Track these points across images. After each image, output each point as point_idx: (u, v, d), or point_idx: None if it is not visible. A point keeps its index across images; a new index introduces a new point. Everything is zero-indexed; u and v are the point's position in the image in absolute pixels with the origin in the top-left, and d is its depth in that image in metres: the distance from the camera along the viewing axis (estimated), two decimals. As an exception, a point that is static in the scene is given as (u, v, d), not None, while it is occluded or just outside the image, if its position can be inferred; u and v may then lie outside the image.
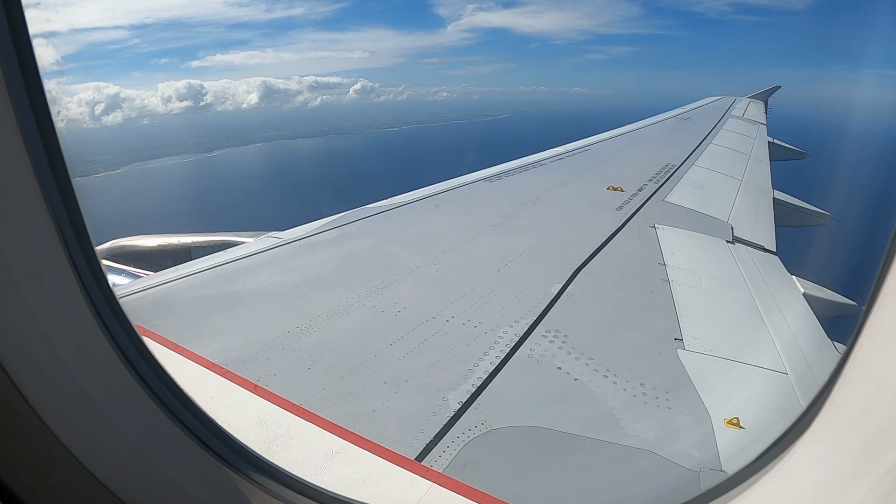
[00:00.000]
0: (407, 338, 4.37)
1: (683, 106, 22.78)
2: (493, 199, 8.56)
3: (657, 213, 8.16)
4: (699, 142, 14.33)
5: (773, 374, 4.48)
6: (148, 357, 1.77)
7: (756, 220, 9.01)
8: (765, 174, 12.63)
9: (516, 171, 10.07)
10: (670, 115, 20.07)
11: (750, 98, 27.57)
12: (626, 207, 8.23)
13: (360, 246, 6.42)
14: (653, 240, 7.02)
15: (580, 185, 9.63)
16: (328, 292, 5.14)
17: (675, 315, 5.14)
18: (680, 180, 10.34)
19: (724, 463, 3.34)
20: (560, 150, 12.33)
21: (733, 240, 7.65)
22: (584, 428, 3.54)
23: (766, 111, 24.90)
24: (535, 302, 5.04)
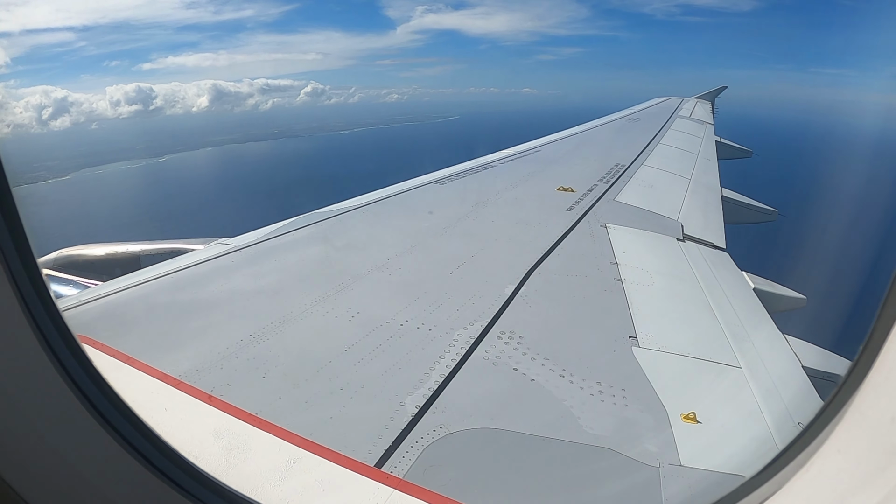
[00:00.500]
0: (361, 343, 4.31)
1: (632, 106, 23.17)
2: (444, 201, 8.55)
3: (608, 213, 8.23)
4: (648, 142, 14.57)
5: (726, 369, 4.56)
6: (93, 374, 1.71)
7: (705, 217, 9.19)
8: (713, 173, 12.90)
9: (467, 173, 10.08)
10: (619, 115, 20.37)
11: (697, 98, 28.15)
12: (577, 208, 8.29)
13: (312, 251, 6.37)
14: (604, 239, 7.08)
15: (531, 186, 9.69)
16: (280, 298, 5.06)
17: (628, 313, 5.19)
18: (630, 180, 10.47)
19: (682, 458, 3.38)
20: (510, 151, 12.39)
21: (684, 238, 7.78)
22: (543, 428, 3.55)
23: (713, 111, 25.45)
24: (488, 304, 5.04)
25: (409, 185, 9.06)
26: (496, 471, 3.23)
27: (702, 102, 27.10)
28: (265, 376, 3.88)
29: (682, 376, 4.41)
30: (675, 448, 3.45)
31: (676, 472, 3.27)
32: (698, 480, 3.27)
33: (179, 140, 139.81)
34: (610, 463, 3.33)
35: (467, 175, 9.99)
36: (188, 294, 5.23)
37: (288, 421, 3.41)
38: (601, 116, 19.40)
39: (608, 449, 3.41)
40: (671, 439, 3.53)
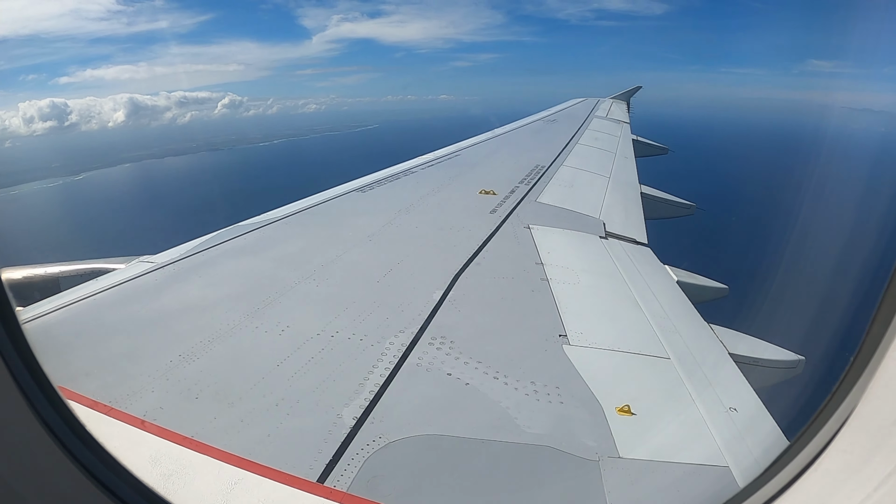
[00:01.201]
0: (294, 357, 4.22)
1: (549, 108, 23.55)
2: (367, 209, 8.46)
3: (531, 214, 8.32)
4: (566, 142, 14.84)
5: (656, 360, 4.68)
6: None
7: (626, 214, 9.42)
8: (631, 170, 13.25)
9: (389, 180, 10.02)
10: (537, 117, 20.68)
11: (613, 98, 28.92)
12: (499, 210, 8.34)
13: (236, 265, 6.19)
14: (528, 240, 7.14)
15: (453, 191, 9.70)
16: (208, 316, 4.89)
17: (556, 312, 5.24)
18: (550, 180, 10.62)
19: (620, 449, 3.46)
20: (431, 156, 12.38)
21: (606, 235, 7.93)
22: (482, 430, 3.57)
23: (628, 110, 26.16)
24: (418, 310, 5.02)
25: (332, 195, 8.94)
26: (439, 477, 3.23)
27: (617, 102, 27.83)
28: (198, 397, 3.76)
29: (613, 371, 4.50)
30: (613, 441, 3.53)
31: (616, 463, 3.34)
32: (639, 470, 3.36)
33: (96, 157, 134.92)
34: (551, 460, 3.37)
35: (389, 181, 9.93)
36: (112, 316, 5.01)
37: (225, 442, 3.31)
38: (519, 119, 19.62)
39: (548, 447, 3.45)
40: (608, 433, 3.61)
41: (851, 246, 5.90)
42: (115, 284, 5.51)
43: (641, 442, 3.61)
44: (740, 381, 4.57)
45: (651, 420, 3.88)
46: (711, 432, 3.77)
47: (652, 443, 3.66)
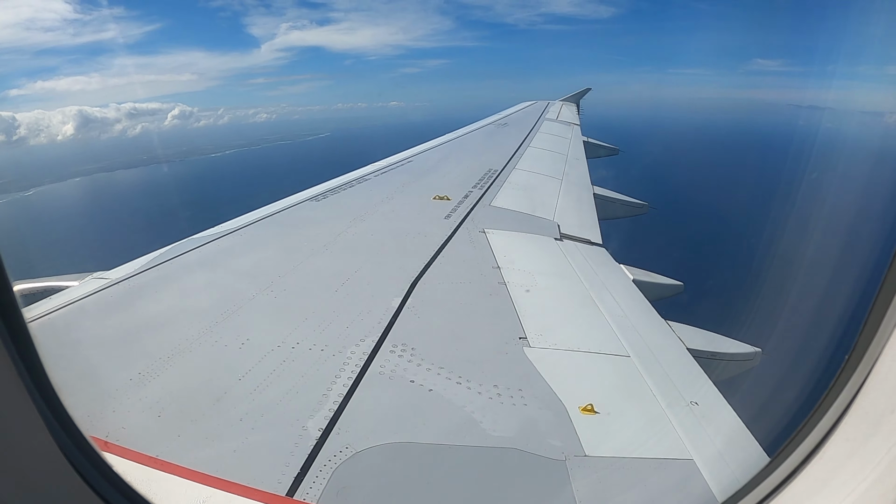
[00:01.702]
0: (255, 370, 4.17)
1: (500, 112, 23.66)
2: (322, 218, 8.38)
3: (485, 218, 8.36)
4: (518, 145, 14.93)
5: (616, 359, 4.76)
6: None
7: (580, 215, 9.52)
8: (583, 171, 13.39)
9: (342, 188, 9.94)
10: (487, 121, 20.75)
11: (563, 101, 29.16)
12: (454, 215, 8.36)
13: (193, 279, 6.11)
14: (484, 244, 7.16)
15: (407, 197, 9.68)
16: (166, 331, 4.79)
17: (515, 315, 5.29)
18: (503, 184, 10.68)
19: (585, 447, 3.52)
20: (383, 163, 12.32)
21: (561, 237, 8.01)
22: (448, 436, 3.59)
23: (578, 112, 26.43)
24: (377, 318, 5.00)
25: (286, 204, 8.84)
26: (408, 485, 3.23)
27: (567, 105, 28.11)
28: (160, 415, 3.69)
29: (574, 370, 4.56)
30: (578, 440, 3.59)
31: (583, 462, 3.40)
32: (605, 467, 3.41)
33: (46, 171, 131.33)
34: (518, 462, 3.40)
35: (342, 190, 9.87)
36: (67, 335, 4.87)
37: (191, 459, 3.26)
38: (470, 124, 19.68)
39: (514, 449, 3.49)
40: (573, 432, 3.66)
41: (801, 239, 6.05)
42: (69, 302, 5.38)
43: (606, 439, 3.67)
44: (699, 375, 4.67)
45: (614, 417, 3.94)
46: (674, 426, 3.86)
47: (617, 440, 3.72)
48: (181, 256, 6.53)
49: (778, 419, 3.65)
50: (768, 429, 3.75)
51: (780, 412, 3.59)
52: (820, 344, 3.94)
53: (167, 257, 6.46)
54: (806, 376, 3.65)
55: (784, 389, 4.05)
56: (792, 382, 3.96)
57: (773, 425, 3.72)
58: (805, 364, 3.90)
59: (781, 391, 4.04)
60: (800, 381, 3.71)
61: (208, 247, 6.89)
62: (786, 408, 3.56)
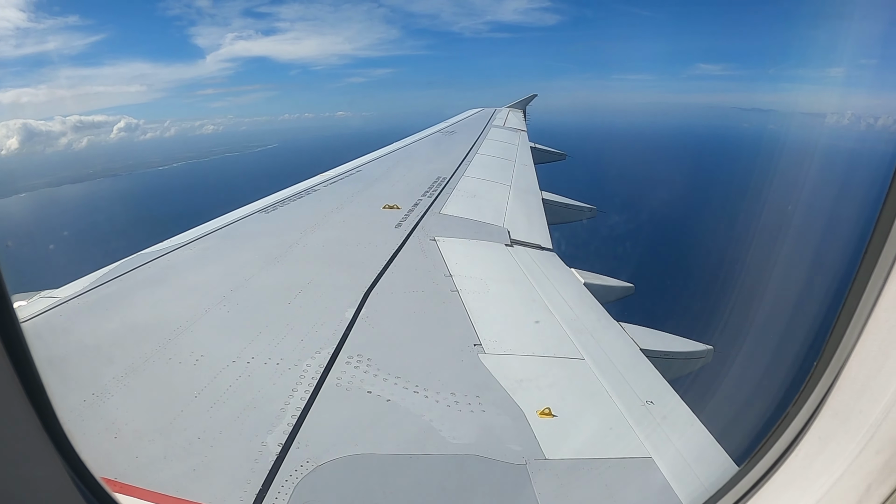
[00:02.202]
0: (211, 387, 4.10)
1: (447, 120, 23.75)
2: (272, 230, 8.28)
3: (435, 226, 8.37)
4: (466, 153, 15.01)
5: (571, 362, 4.83)
6: None
7: (529, 221, 9.59)
8: (531, 177, 13.51)
9: (292, 199, 9.84)
10: (435, 129, 20.78)
11: (509, 108, 29.43)
12: (404, 224, 8.35)
13: (143, 295, 5.93)
14: (435, 252, 7.18)
15: (357, 207, 9.64)
16: (118, 350, 4.67)
17: (469, 322, 5.31)
18: (452, 192, 10.72)
19: (545, 451, 3.56)
20: (332, 173, 12.25)
21: (511, 243, 8.06)
22: (408, 445, 3.60)
23: (525, 119, 26.66)
24: (332, 330, 4.96)
25: (235, 217, 8.71)
26: (371, 496, 3.23)
27: (514, 111, 28.37)
28: (116, 437, 3.59)
29: (530, 375, 4.58)
30: (538, 443, 3.63)
31: (543, 465, 3.44)
32: (566, 469, 3.46)
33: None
34: (479, 468, 3.43)
35: (292, 201, 9.76)
36: None
37: (150, 480, 3.20)
38: (417, 132, 19.70)
39: (475, 455, 3.51)
40: (532, 436, 3.70)
41: (751, 238, 6.20)
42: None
43: (565, 442, 3.72)
44: (653, 374, 4.75)
45: (572, 420, 3.99)
46: (631, 426, 3.92)
47: (575, 442, 3.78)
48: (131, 273, 6.39)
49: (736, 415, 3.73)
50: (724, 424, 3.83)
51: (738, 408, 3.67)
52: (772, 342, 4.04)
53: (116, 274, 6.32)
54: (762, 374, 3.74)
55: (742, 386, 4.15)
56: (749, 380, 4.05)
57: (731, 420, 3.80)
58: (761, 362, 4.00)
59: (740, 389, 4.14)
60: (756, 379, 3.80)
61: (158, 262, 6.76)
62: (744, 403, 3.65)
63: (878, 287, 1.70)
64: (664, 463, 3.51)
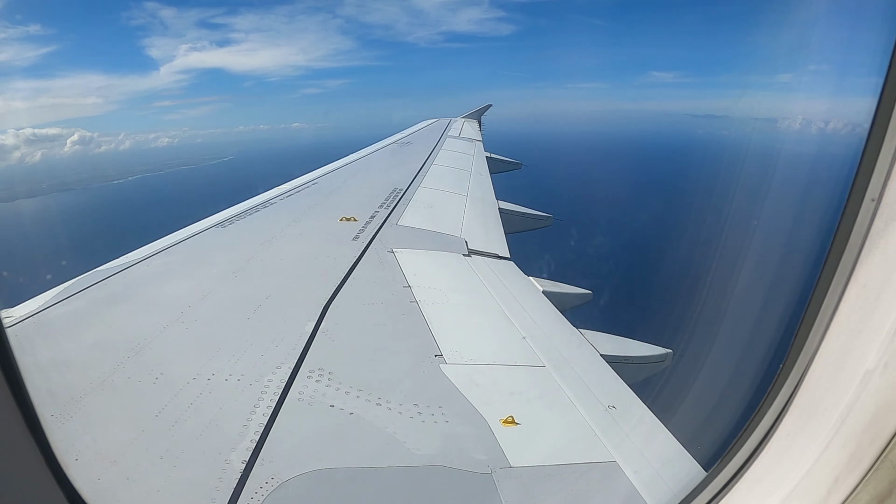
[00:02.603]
0: (171, 405, 4.00)
1: (402, 131, 23.75)
2: (229, 244, 8.16)
3: (393, 238, 8.35)
4: (422, 163, 15.03)
5: (532, 369, 4.86)
6: None
7: (486, 231, 9.66)
8: (487, 187, 13.61)
9: (248, 213, 9.71)
10: (390, 141, 20.76)
11: (464, 118, 29.58)
12: (361, 236, 8.31)
13: (100, 313, 5.78)
14: (393, 264, 7.16)
15: (314, 220, 9.57)
16: (76, 370, 4.52)
17: (430, 332, 5.31)
18: (409, 203, 10.72)
19: (510, 459, 3.56)
20: (288, 186, 12.13)
21: (469, 253, 8.09)
22: (373, 458, 3.57)
23: (480, 129, 26.80)
24: (292, 344, 4.91)
25: (192, 231, 8.54)
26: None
27: (469, 121, 28.52)
28: (78, 458, 3.47)
29: (492, 384, 4.60)
30: (502, 452, 3.63)
31: (509, 473, 3.45)
32: (531, 476, 3.47)
33: None
34: (445, 479, 3.43)
35: (248, 214, 9.64)
36: None
37: (114, 503, 3.14)
38: (373, 144, 19.67)
39: (441, 466, 3.51)
40: (496, 444, 3.70)
41: (707, 242, 6.30)
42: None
43: (530, 449, 3.74)
44: (614, 379, 4.80)
45: (536, 427, 4.01)
46: (595, 431, 3.96)
47: (540, 449, 3.79)
48: (87, 290, 6.23)
49: (698, 416, 3.78)
50: (686, 425, 3.88)
51: (700, 410, 3.72)
52: (731, 344, 4.10)
53: (73, 291, 6.15)
54: (723, 376, 3.80)
55: (703, 388, 4.20)
56: (710, 381, 4.11)
57: (693, 421, 3.84)
58: (721, 364, 4.06)
59: (701, 391, 4.19)
60: (718, 381, 3.86)
61: (115, 279, 6.61)
62: (706, 404, 3.70)
63: (840, 290, 1.75)
64: (629, 466, 3.54)
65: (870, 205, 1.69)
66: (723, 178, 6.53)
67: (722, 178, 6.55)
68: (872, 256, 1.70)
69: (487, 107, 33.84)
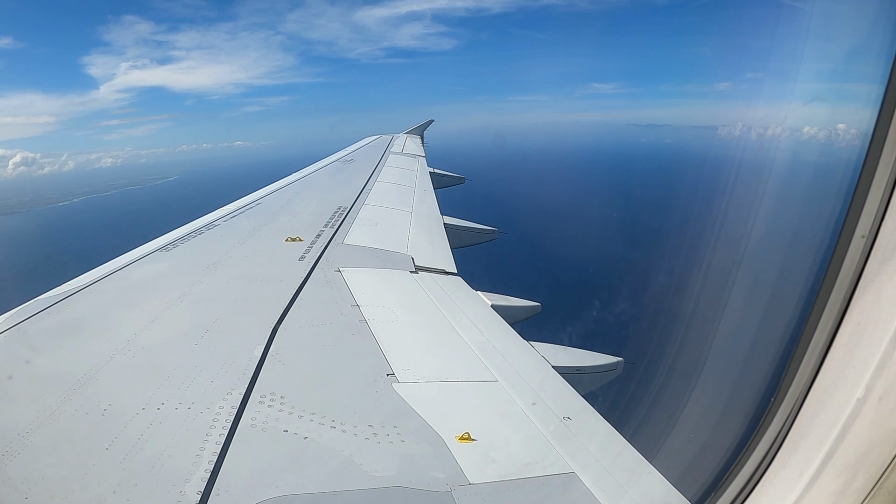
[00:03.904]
0: (122, 437, 3.89)
1: (345, 148, 23.68)
2: (172, 268, 7.96)
3: (339, 257, 8.31)
4: (366, 181, 15.03)
5: (486, 384, 4.88)
6: None
7: (433, 247, 9.69)
8: (432, 203, 13.68)
9: (191, 236, 9.51)
10: (333, 158, 20.65)
11: (407, 133, 29.69)
12: (308, 256, 8.25)
13: (42, 343, 5.58)
14: (341, 284, 7.12)
15: (258, 241, 9.43)
16: (19, 404, 4.35)
17: (380, 352, 5.30)
18: (354, 221, 10.69)
19: (468, 475, 3.58)
20: (231, 207, 11.96)
21: (416, 269, 8.12)
22: (330, 482, 3.54)
23: (423, 144, 26.92)
24: (242, 369, 4.83)
25: (135, 256, 8.32)
26: None
27: (412, 137, 28.63)
28: (27, 497, 3.36)
29: (446, 401, 4.63)
30: (460, 469, 3.65)
31: (468, 490, 3.46)
32: (491, 492, 3.49)
33: None
34: (404, 499, 3.41)
35: (191, 237, 9.45)
36: None
37: None
38: (315, 162, 19.57)
39: (399, 487, 3.49)
40: (454, 462, 3.72)
41: (657, 251, 6.43)
42: None
43: (487, 465, 3.74)
44: (568, 390, 4.84)
45: (492, 442, 4.02)
46: (551, 443, 4.00)
47: (498, 464, 3.79)
48: (28, 320, 6.02)
49: (651, 423, 3.83)
50: (640, 433, 3.93)
51: (652, 417, 3.77)
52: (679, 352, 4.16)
53: (14, 322, 5.95)
54: (675, 383, 3.85)
55: (655, 396, 4.25)
56: (663, 389, 4.16)
57: (647, 428, 3.89)
58: (673, 371, 4.11)
59: (653, 398, 4.24)
60: (670, 388, 3.91)
61: (57, 307, 6.40)
62: (657, 412, 3.75)
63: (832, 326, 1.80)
64: (587, 476, 3.60)
65: (860, 242, 1.73)
66: (668, 185, 6.69)
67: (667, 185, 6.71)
68: (867, 295, 1.73)
69: (429, 122, 34.05)
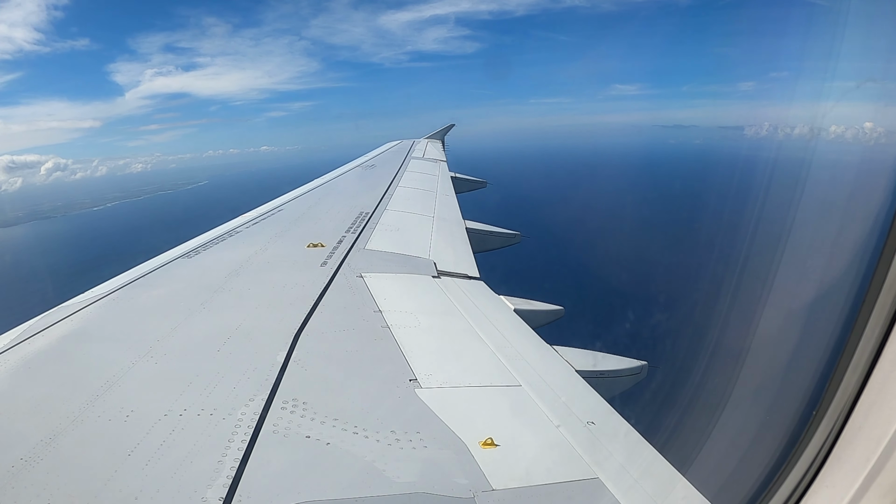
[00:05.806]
0: (144, 443, 3.92)
1: (366, 154, 23.79)
2: (195, 275, 8.03)
3: (361, 263, 8.34)
4: (387, 186, 15.08)
5: (508, 389, 4.85)
6: None
7: (455, 251, 9.67)
8: (454, 207, 13.67)
9: (213, 243, 9.61)
10: (355, 164, 20.78)
11: (428, 138, 29.74)
12: (329, 262, 8.28)
13: (68, 350, 5.64)
14: (363, 289, 7.14)
15: (281, 248, 9.50)
16: (45, 410, 4.40)
17: (403, 357, 5.29)
18: (376, 226, 10.72)
19: (491, 481, 3.56)
20: (254, 213, 12.07)
21: (438, 274, 8.10)
22: (352, 489, 3.52)
23: (444, 149, 26.96)
24: (264, 375, 4.85)
25: (158, 263, 8.46)
26: None
27: (433, 142, 28.68)
28: (50, 502, 3.40)
29: (469, 406, 4.59)
30: (483, 475, 3.63)
31: (491, 496, 3.44)
32: (515, 498, 3.46)
33: None
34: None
35: (214, 244, 9.55)
36: None
37: None
38: (338, 167, 19.67)
39: (422, 493, 3.48)
40: (477, 468, 3.70)
41: (688, 255, 6.39)
42: None
43: (511, 470, 3.72)
44: (592, 394, 4.81)
45: (515, 448, 4.00)
46: (575, 448, 3.97)
47: (521, 469, 3.77)
48: (52, 327, 6.11)
49: (676, 429, 3.80)
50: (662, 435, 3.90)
51: (678, 423, 3.74)
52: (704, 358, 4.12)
53: (41, 327, 6.04)
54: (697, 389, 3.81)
55: (681, 401, 4.21)
56: (689, 394, 4.12)
57: (673, 434, 3.86)
58: (699, 376, 4.07)
59: (678, 404, 4.20)
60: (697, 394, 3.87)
61: (81, 313, 6.49)
62: (683, 417, 3.71)
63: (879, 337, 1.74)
64: (612, 482, 3.56)
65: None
66: (699, 186, 6.63)
67: (698, 186, 6.65)
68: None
69: (450, 126, 34.08)
